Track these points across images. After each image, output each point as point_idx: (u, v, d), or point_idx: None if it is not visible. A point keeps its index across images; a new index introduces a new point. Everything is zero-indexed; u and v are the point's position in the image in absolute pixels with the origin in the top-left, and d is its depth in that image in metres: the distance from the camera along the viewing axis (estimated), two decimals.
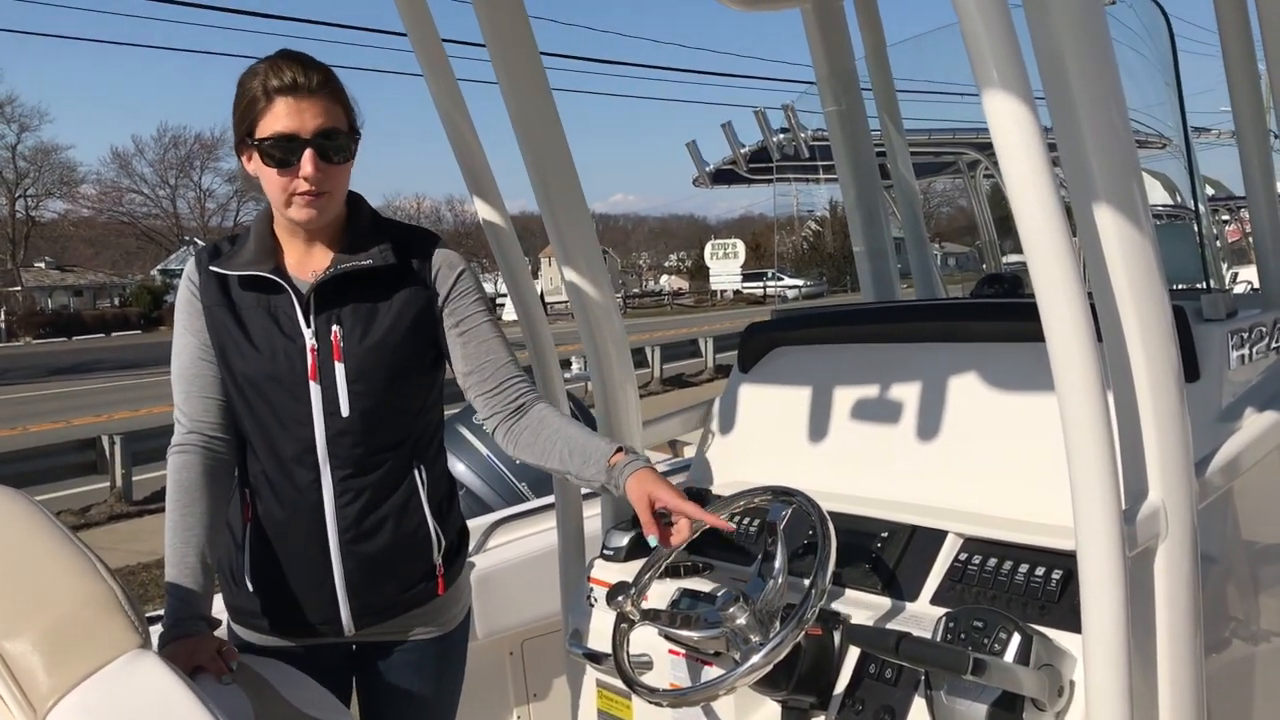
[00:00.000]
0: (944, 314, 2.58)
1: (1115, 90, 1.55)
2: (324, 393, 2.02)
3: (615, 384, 2.65)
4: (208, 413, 2.07)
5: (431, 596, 2.18)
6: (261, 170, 1.97)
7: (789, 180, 4.70)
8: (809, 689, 1.96)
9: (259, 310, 2.05)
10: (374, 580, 2.10)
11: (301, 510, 2.05)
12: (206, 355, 2.07)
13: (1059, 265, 1.45)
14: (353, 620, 2.10)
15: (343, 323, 2.04)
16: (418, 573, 2.15)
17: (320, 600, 2.09)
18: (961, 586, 1.95)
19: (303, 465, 2.04)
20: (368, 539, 2.07)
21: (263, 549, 2.10)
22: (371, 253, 2.06)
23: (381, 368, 2.05)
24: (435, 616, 2.21)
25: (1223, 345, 2.05)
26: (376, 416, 2.06)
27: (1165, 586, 1.64)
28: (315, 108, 1.94)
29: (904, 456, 2.27)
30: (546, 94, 2.45)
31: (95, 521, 10.32)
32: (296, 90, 1.93)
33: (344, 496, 2.05)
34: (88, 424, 16.29)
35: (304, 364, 2.02)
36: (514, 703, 3.18)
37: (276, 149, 1.94)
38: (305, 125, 1.93)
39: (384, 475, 2.08)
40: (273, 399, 2.04)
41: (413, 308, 2.09)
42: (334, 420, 2.03)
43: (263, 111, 1.93)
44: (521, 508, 3.35)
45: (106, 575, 1.28)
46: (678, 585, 2.24)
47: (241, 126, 1.97)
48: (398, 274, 2.09)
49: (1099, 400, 1.48)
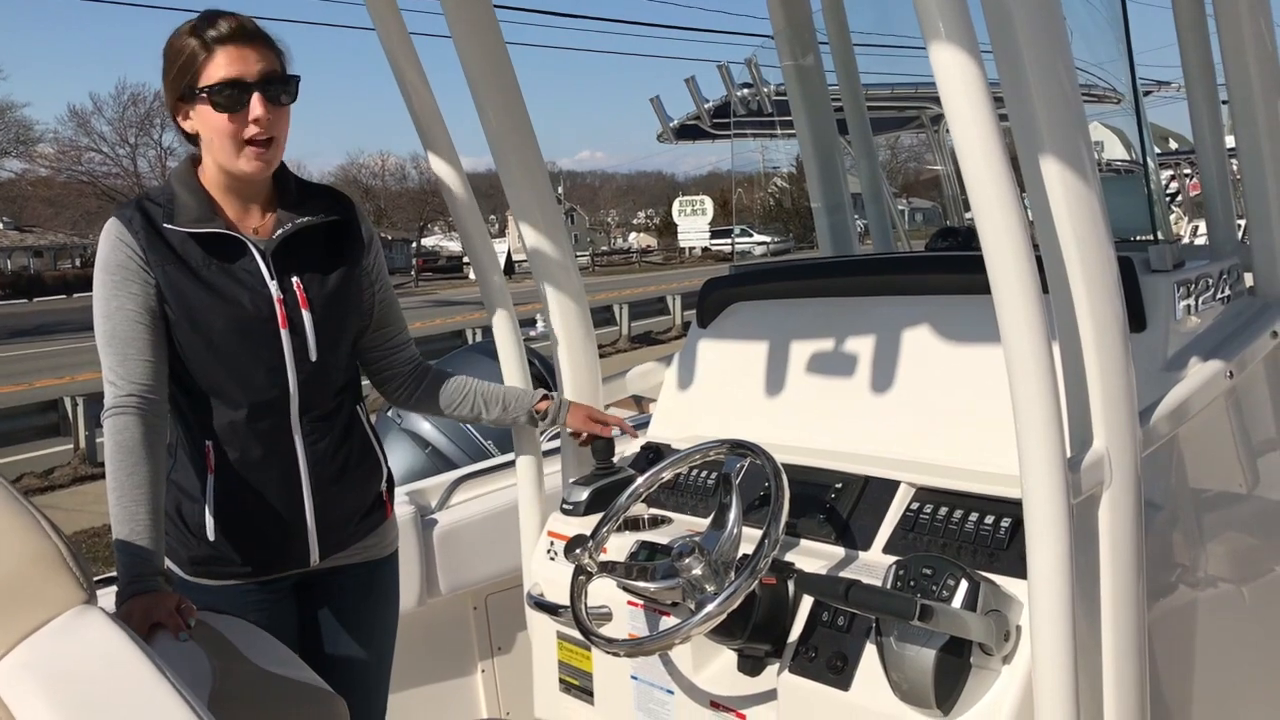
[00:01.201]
0: (896, 268, 2.59)
1: (1062, 45, 1.56)
2: (294, 340, 2.14)
3: (575, 342, 2.66)
4: (145, 374, 2.07)
5: (382, 520, 2.39)
6: (209, 120, 2.05)
7: (748, 136, 4.70)
8: (764, 637, 1.99)
9: (213, 266, 2.10)
10: (339, 512, 2.27)
11: (275, 454, 2.17)
12: (143, 319, 2.07)
13: (1004, 218, 1.46)
14: (320, 551, 2.25)
15: (302, 274, 2.16)
16: (370, 500, 2.34)
17: (291, 536, 2.21)
18: (913, 535, 1.98)
19: (275, 411, 2.15)
20: (334, 474, 2.23)
21: (229, 497, 2.16)
22: (316, 209, 2.22)
23: (342, 314, 2.23)
24: (380, 539, 2.40)
25: (1169, 296, 2.08)
26: (335, 360, 2.23)
27: (1109, 533, 1.67)
28: (255, 53, 2.05)
29: (859, 408, 2.29)
30: (501, 48, 2.44)
31: (59, 484, 10.28)
32: (236, 38, 2.03)
33: (311, 436, 2.19)
34: (50, 385, 16.12)
35: (273, 314, 2.12)
36: (479, 656, 3.20)
37: (224, 94, 2.02)
38: (250, 70, 2.03)
39: (340, 414, 2.26)
40: (243, 351, 2.12)
41: (354, 259, 2.26)
42: (304, 365, 2.16)
43: (205, 63, 2.02)
44: (483, 465, 3.36)
45: (51, 532, 1.27)
46: (636, 538, 2.27)
47: (180, 83, 2.06)
48: (339, 229, 2.26)
49: (1044, 351, 1.50)
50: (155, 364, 2.09)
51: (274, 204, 2.19)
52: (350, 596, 2.37)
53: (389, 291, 2.39)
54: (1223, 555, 2.19)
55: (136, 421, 2.03)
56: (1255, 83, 2.31)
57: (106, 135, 51.61)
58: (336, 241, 2.24)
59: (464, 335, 16.97)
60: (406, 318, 2.48)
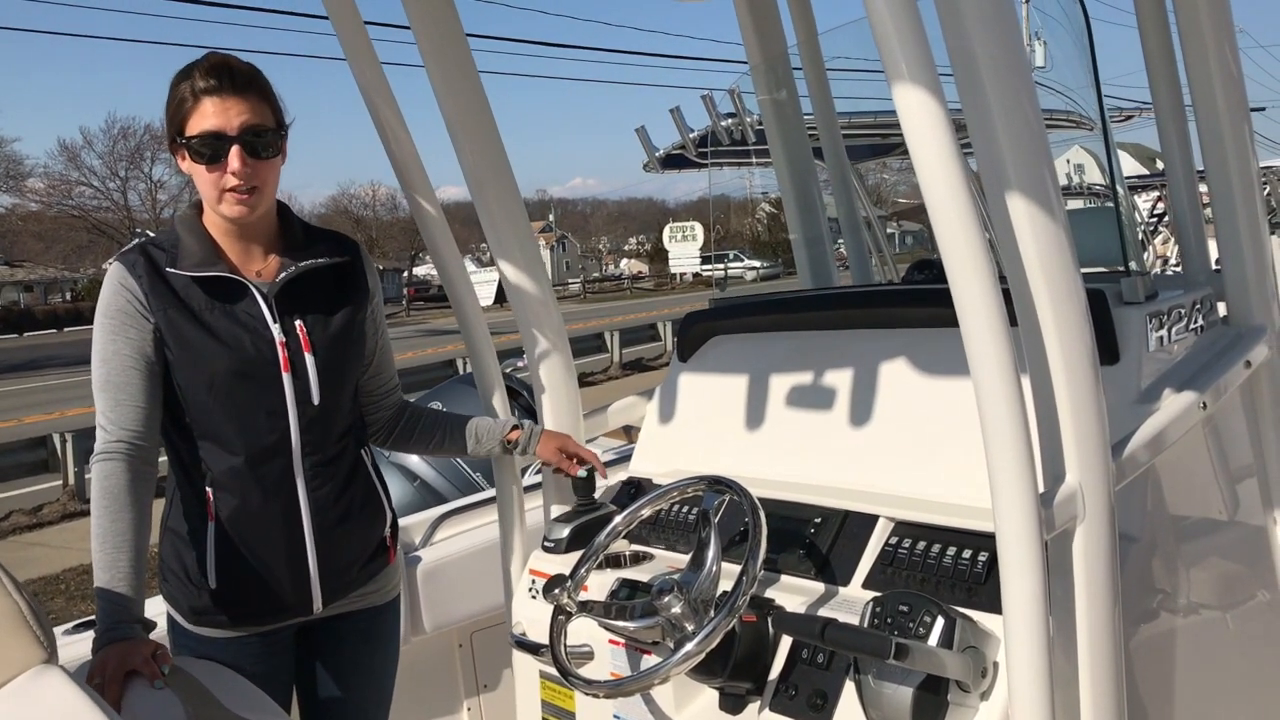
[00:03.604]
0: (872, 301, 2.60)
1: (1025, 79, 1.57)
2: (296, 384, 2.14)
3: (555, 377, 2.66)
4: (136, 421, 2.08)
5: (385, 566, 2.38)
6: (193, 168, 2.08)
7: (724, 166, 4.70)
8: (745, 675, 1.98)
9: (216, 310, 2.11)
10: (342, 558, 2.25)
11: (276, 499, 2.15)
12: (139, 364, 2.08)
13: (969, 251, 1.47)
14: (322, 598, 2.23)
15: (304, 317, 2.17)
16: (373, 545, 2.33)
17: (294, 584, 2.19)
18: (892, 570, 1.97)
19: (278, 455, 2.14)
20: (337, 520, 2.22)
21: (229, 545, 2.15)
22: (320, 252, 2.24)
23: (345, 357, 2.24)
24: (383, 584, 2.39)
25: (1141, 328, 2.08)
26: (337, 403, 2.22)
27: (1084, 567, 1.66)
28: (239, 105, 2.05)
29: (838, 442, 2.29)
30: (478, 89, 2.46)
31: (48, 520, 10.19)
32: (221, 90, 2.04)
33: (314, 481, 2.18)
34: (39, 421, 16.06)
35: (275, 358, 2.12)
36: (464, 694, 3.19)
37: (205, 146, 2.04)
38: (230, 123, 2.04)
39: (344, 459, 2.25)
40: (244, 395, 2.11)
41: (356, 302, 2.27)
42: (306, 409, 2.16)
43: (190, 111, 2.05)
44: (466, 500, 3.35)
45: (13, 589, 1.26)
46: (617, 575, 2.26)
47: (172, 127, 2.09)
48: (342, 272, 2.27)
49: (1012, 385, 1.50)
50: (147, 410, 2.09)
51: (278, 247, 2.20)
52: (351, 644, 2.36)
53: (386, 338, 2.43)
54: (1201, 586, 2.18)
55: (123, 468, 2.04)
56: (1221, 107, 2.32)
57: (97, 169, 51.67)
58: (341, 285, 2.25)
59: (454, 365, 16.96)
60: (398, 347, 2.51)
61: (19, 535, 9.79)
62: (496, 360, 2.67)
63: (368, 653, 2.38)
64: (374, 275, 2.36)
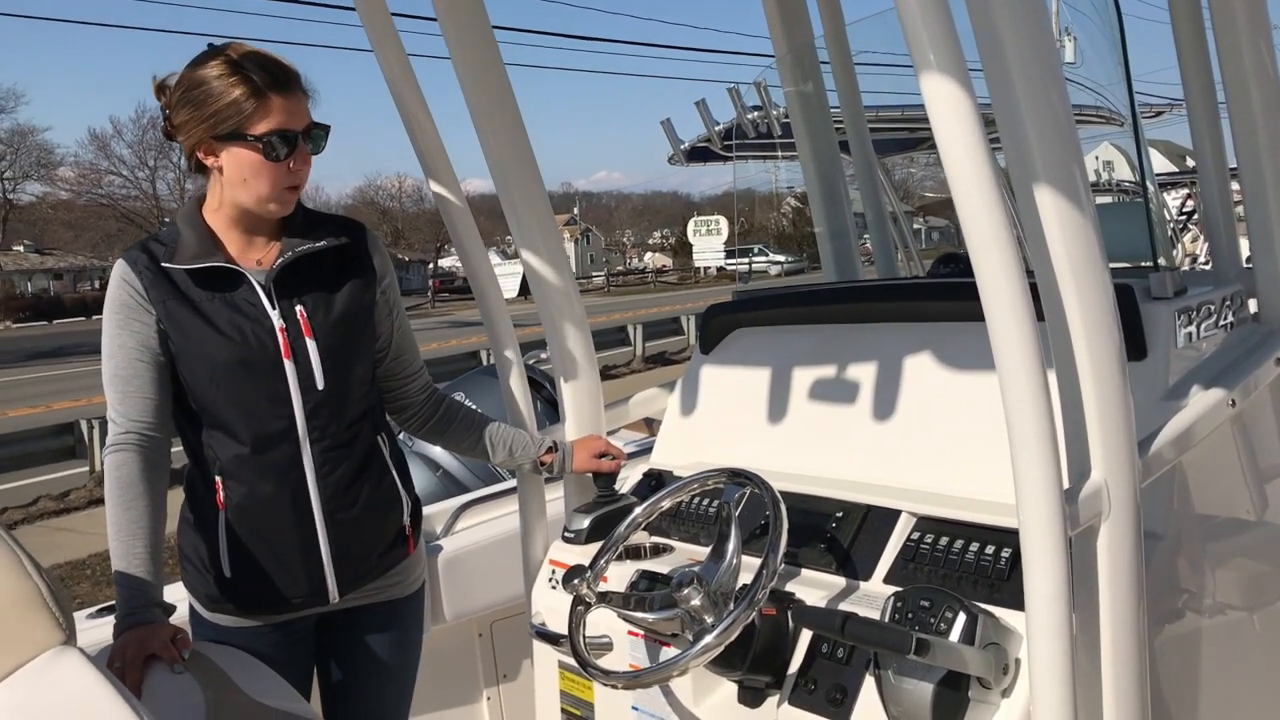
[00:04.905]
0: (896, 295, 2.58)
1: (1054, 69, 1.56)
2: (298, 369, 2.12)
3: (577, 370, 2.66)
4: (144, 412, 2.09)
5: (404, 557, 2.34)
6: (249, 163, 2.05)
7: (750, 159, 4.68)
8: (764, 669, 1.98)
9: (215, 300, 2.11)
10: (357, 546, 2.23)
11: (285, 487, 2.13)
12: (144, 356, 2.09)
13: (997, 246, 1.45)
14: (338, 588, 2.21)
15: (305, 302, 2.15)
16: (391, 534, 2.30)
17: (307, 573, 2.18)
18: (914, 566, 1.96)
19: (285, 442, 2.13)
20: (349, 507, 2.19)
21: (241, 533, 2.14)
22: (320, 236, 2.20)
23: (349, 341, 2.20)
24: (404, 575, 2.36)
25: (1170, 323, 2.06)
26: (346, 388, 2.19)
27: (1108, 565, 1.65)
28: (303, 104, 2.09)
29: (860, 435, 2.28)
30: (504, 80, 2.44)
31: (75, 506, 10.28)
32: (286, 88, 2.05)
33: (324, 468, 2.16)
34: (67, 408, 16.21)
35: (275, 344, 2.11)
36: (484, 684, 3.19)
37: (283, 143, 2.04)
38: (299, 121, 2.07)
39: (357, 445, 2.21)
40: (247, 383, 2.10)
41: (360, 285, 2.24)
42: (310, 395, 2.13)
43: (257, 109, 2.02)
44: (487, 490, 3.35)
45: (33, 571, 1.27)
46: (637, 567, 2.26)
47: (220, 124, 2.02)
48: (344, 255, 2.24)
49: (1039, 380, 1.49)
50: (156, 401, 2.10)
51: (279, 235, 2.19)
52: (372, 637, 2.34)
53: (405, 321, 2.41)
54: (1227, 585, 2.16)
55: (135, 457, 2.05)
56: (1256, 104, 2.30)
57: (126, 158, 52.09)
58: (343, 268, 2.22)
59: (478, 356, 17.00)
60: (423, 338, 2.49)
61: (47, 520, 9.89)
62: (519, 352, 2.66)
63: (388, 646, 2.36)
64: (383, 257, 2.32)
